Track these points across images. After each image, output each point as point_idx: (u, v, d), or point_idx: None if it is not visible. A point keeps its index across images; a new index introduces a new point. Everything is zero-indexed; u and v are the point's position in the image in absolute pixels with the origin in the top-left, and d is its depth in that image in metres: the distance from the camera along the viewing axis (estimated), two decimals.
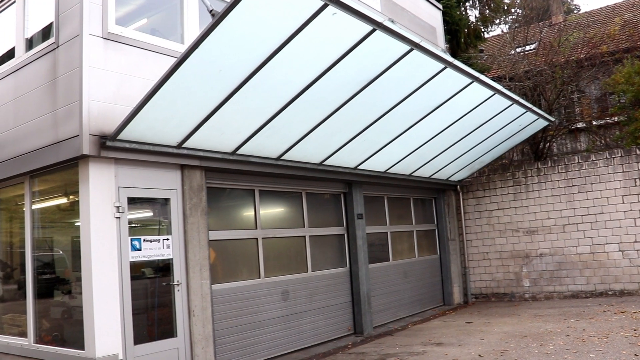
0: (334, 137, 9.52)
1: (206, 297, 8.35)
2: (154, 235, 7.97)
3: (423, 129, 10.58)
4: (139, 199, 7.86)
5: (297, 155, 9.59)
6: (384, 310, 12.63)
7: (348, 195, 11.88)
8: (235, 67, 6.73)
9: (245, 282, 9.38)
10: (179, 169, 8.25)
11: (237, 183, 9.44)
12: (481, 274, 15.38)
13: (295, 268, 10.51)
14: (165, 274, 8.07)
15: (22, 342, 8.39)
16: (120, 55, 7.53)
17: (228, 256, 9.41)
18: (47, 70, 7.78)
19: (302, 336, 10.29)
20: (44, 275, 8.54)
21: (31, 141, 7.95)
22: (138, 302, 7.62)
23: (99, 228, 7.22)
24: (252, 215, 9.82)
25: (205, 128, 7.60)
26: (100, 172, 7.29)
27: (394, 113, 9.41)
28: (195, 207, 8.38)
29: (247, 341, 9.19)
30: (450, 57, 8.44)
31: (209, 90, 6.98)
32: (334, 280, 11.31)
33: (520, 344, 9.34)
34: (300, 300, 10.36)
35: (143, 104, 6.59)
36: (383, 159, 11.34)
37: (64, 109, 7.34)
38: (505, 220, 15.04)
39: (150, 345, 7.69)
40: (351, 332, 11.53)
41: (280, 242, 10.34)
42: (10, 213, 9.63)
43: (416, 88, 8.92)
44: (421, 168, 12.92)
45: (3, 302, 9.38)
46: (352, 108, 8.65)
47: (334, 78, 7.65)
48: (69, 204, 8.24)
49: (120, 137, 7.11)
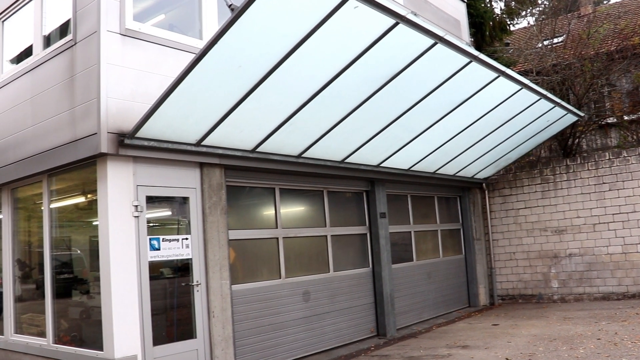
0: (356, 134, 9.50)
1: (226, 298, 8.38)
2: (173, 235, 8.02)
3: (447, 125, 10.52)
4: (157, 198, 7.91)
5: (318, 153, 9.59)
6: (407, 311, 12.59)
7: (370, 194, 11.86)
8: (255, 63, 6.73)
9: (266, 283, 9.40)
10: (198, 167, 8.28)
11: (257, 181, 9.46)
12: (508, 274, 15.26)
13: (316, 268, 10.51)
14: (184, 274, 8.12)
15: (41, 342, 8.49)
16: (138, 52, 7.58)
17: (248, 256, 9.44)
18: (65, 68, 7.86)
19: (323, 338, 10.29)
20: (62, 275, 8.63)
21: (49, 139, 8.03)
22: (157, 303, 7.67)
23: (117, 227, 7.27)
24: (272, 214, 9.83)
25: (224, 125, 7.62)
26: (119, 171, 7.35)
27: (417, 109, 9.36)
28: (215, 206, 8.41)
29: (267, 343, 9.21)
30: (475, 51, 8.37)
31: (228, 86, 6.99)
32: (357, 281, 11.29)
33: (549, 347, 9.26)
34: (322, 301, 10.36)
35: (161, 101, 6.62)
36: (406, 156, 11.29)
37: (82, 106, 7.41)
38: (532, 219, 14.91)
39: (170, 347, 7.74)
40: (374, 334, 11.51)
41: (301, 241, 10.35)
42: (28, 212, 9.75)
43: (440, 83, 8.86)
44: (445, 165, 12.85)
45: (22, 301, 9.50)
46: (375, 104, 8.62)
47: (356, 73, 7.63)
48: (86, 202, 8.31)
49: (139, 134, 7.15)
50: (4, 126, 9.18)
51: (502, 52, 19.84)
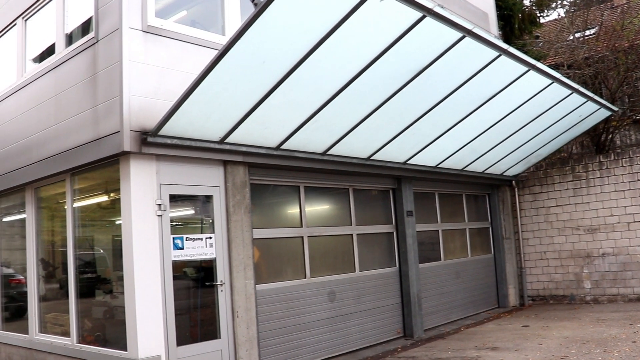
0: (382, 130, 9.47)
1: (250, 298, 8.41)
2: (196, 234, 8.06)
3: (476, 121, 10.45)
4: (180, 197, 7.96)
5: (343, 150, 9.57)
6: (435, 312, 12.54)
7: (397, 192, 11.81)
8: (278, 59, 6.74)
9: (291, 282, 9.42)
10: (222, 165, 8.32)
11: (281, 179, 9.47)
12: (538, 274, 15.11)
13: (342, 268, 10.50)
14: (207, 274, 8.16)
15: (66, 341, 8.60)
16: (160, 49, 7.63)
17: (272, 255, 9.46)
18: (87, 66, 7.94)
19: (349, 339, 10.28)
20: (85, 274, 8.73)
21: (72, 138, 8.12)
22: (180, 303, 7.72)
23: (140, 226, 7.33)
24: (297, 213, 9.84)
25: (248, 122, 7.64)
26: (142, 169, 7.41)
27: (445, 104, 9.31)
28: (239, 205, 8.44)
29: (292, 343, 9.23)
30: (505, 44, 8.30)
31: (251, 83, 7.01)
32: (383, 281, 11.27)
33: (582, 349, 9.15)
34: (348, 301, 10.35)
35: (184, 99, 6.65)
36: (433, 153, 11.24)
37: (105, 104, 7.48)
38: (564, 217, 14.74)
39: (193, 347, 7.79)
40: (401, 335, 11.47)
41: (326, 240, 10.35)
42: (51, 211, 9.88)
43: (468, 78, 8.81)
44: (474, 162, 12.76)
45: (45, 301, 9.63)
46: (401, 100, 8.59)
47: (382, 68, 7.60)
48: (109, 202, 8.40)
49: (162, 132, 7.20)
50: (27, 125, 9.31)
51: (532, 45, 19.64)
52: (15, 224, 10.89)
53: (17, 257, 10.89)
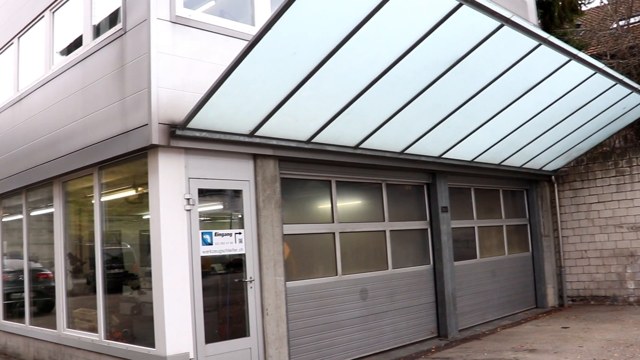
0: (416, 123, 9.42)
1: (280, 295, 8.44)
2: (225, 229, 8.10)
3: (514, 113, 10.34)
4: (209, 191, 8.01)
5: (376, 143, 9.55)
6: (470, 312, 12.46)
7: (432, 187, 11.76)
8: (310, 49, 6.73)
9: (322, 280, 9.43)
10: (252, 159, 8.35)
11: (312, 173, 9.48)
12: (579, 274, 14.92)
13: (374, 265, 10.49)
14: (236, 270, 8.20)
15: (93, 337, 8.73)
16: (189, 40, 7.68)
17: (303, 252, 9.48)
18: (115, 58, 8.02)
19: (381, 338, 10.27)
20: (113, 269, 8.84)
21: (100, 131, 8.22)
22: (209, 299, 7.78)
23: (169, 221, 7.40)
24: (328, 208, 9.84)
25: (278, 115, 7.66)
26: (170, 163, 7.47)
27: (481, 96, 9.22)
28: (269, 199, 8.47)
29: (322, 342, 9.24)
30: (545, 33, 8.18)
31: (282, 74, 7.02)
32: (417, 279, 11.23)
33: (625, 353, 9.01)
34: (380, 299, 10.34)
35: (213, 91, 6.69)
36: (470, 146, 11.15)
37: (133, 97, 7.55)
38: (606, 214, 14.52)
39: (222, 345, 7.85)
40: (434, 335, 11.43)
41: (358, 237, 10.33)
42: (78, 206, 10.01)
43: (506, 68, 8.71)
44: (512, 157, 12.63)
45: (73, 296, 9.78)
46: (436, 91, 8.53)
47: (417, 59, 7.55)
48: (137, 196, 8.48)
49: (190, 125, 7.25)
50: (55, 119, 9.45)
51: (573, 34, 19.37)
52: (43, 218, 11.08)
53: (44, 251, 11.08)
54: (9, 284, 12.23)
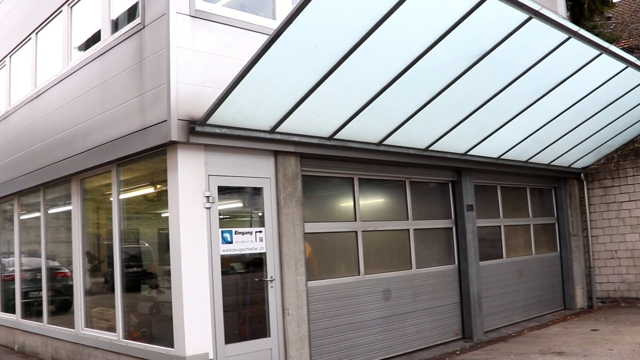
0: (441, 119, 9.38)
1: (301, 295, 8.45)
2: (245, 228, 8.12)
3: (542, 109, 10.27)
4: (229, 189, 8.02)
5: (400, 140, 9.51)
6: (496, 313, 12.40)
7: (457, 184, 11.71)
8: (332, 43, 6.71)
9: (344, 279, 9.42)
10: (272, 156, 8.35)
11: (334, 171, 9.47)
12: (609, 274, 14.77)
13: (398, 265, 10.47)
14: (256, 269, 8.22)
15: (112, 337, 8.79)
16: (209, 34, 7.69)
17: (325, 251, 9.48)
18: (133, 53, 8.06)
19: (405, 340, 10.25)
20: (131, 268, 8.90)
21: (118, 127, 8.27)
22: (228, 299, 7.80)
23: (188, 219, 7.42)
24: (350, 206, 9.83)
25: (300, 111, 7.65)
26: (190, 160, 7.49)
27: (508, 92, 9.16)
28: (290, 197, 8.47)
29: (344, 343, 9.24)
30: (574, 26, 8.09)
31: (304, 69, 7.01)
32: (441, 279, 11.19)
33: None
34: (404, 300, 10.31)
35: (233, 86, 6.69)
36: (496, 143, 11.08)
37: (151, 92, 7.58)
38: (638, 213, 14.36)
39: (242, 345, 7.87)
40: (459, 337, 11.39)
41: (381, 235, 10.31)
42: (96, 203, 10.09)
43: (534, 63, 8.64)
44: (539, 154, 12.54)
45: (91, 295, 9.85)
46: (462, 87, 8.48)
47: (442, 53, 7.50)
48: (155, 193, 8.52)
49: (210, 121, 7.26)
50: (72, 115, 9.52)
51: (603, 27, 19.18)
52: (61, 216, 11.17)
53: (62, 249, 11.18)
54: (26, 283, 12.36)
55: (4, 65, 12.99)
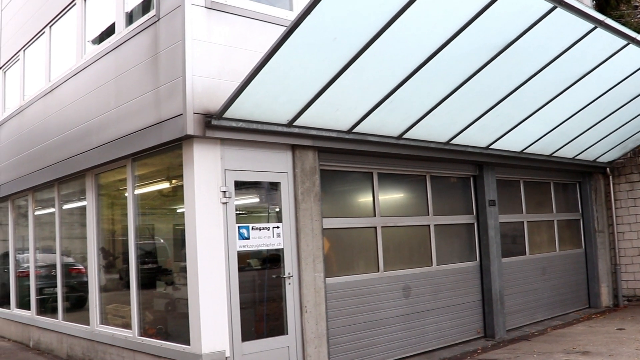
0: (462, 112, 9.34)
1: (320, 292, 8.45)
2: (262, 223, 8.13)
3: (566, 101, 10.19)
4: (245, 183, 8.03)
5: (420, 134, 9.49)
6: (518, 311, 12.35)
7: (478, 179, 11.66)
8: (351, 35, 6.69)
9: (362, 276, 9.42)
10: (290, 150, 8.35)
11: (353, 165, 9.46)
12: (635, 272, 14.65)
13: (418, 261, 10.44)
14: (273, 266, 8.23)
15: (127, 334, 8.85)
16: (225, 26, 7.69)
17: (343, 247, 9.48)
18: (148, 46, 8.08)
19: (424, 338, 10.23)
20: (146, 264, 8.95)
21: (133, 122, 8.31)
22: (245, 296, 7.82)
23: (204, 215, 7.44)
24: (370, 202, 9.82)
25: (318, 104, 7.65)
26: (206, 154, 7.51)
27: (532, 83, 9.10)
28: (308, 192, 8.47)
29: (363, 342, 9.24)
30: (601, 15, 8.01)
31: (322, 61, 7.00)
32: (462, 276, 11.16)
33: None
34: (424, 297, 10.29)
35: (250, 79, 6.70)
36: (519, 137, 11.03)
37: (167, 86, 7.60)
38: None
39: (259, 343, 7.88)
40: (481, 335, 11.35)
41: (401, 231, 10.30)
42: (111, 199, 10.14)
43: (559, 54, 8.57)
44: (564, 147, 12.46)
45: (106, 291, 9.92)
46: (484, 79, 8.44)
47: (463, 44, 7.46)
48: (170, 189, 8.56)
49: (226, 115, 7.28)
50: (87, 109, 9.58)
51: (631, 17, 18.97)
52: (75, 211, 11.26)
53: (77, 245, 11.26)
54: (41, 279, 12.48)
55: (18, 60, 13.10)
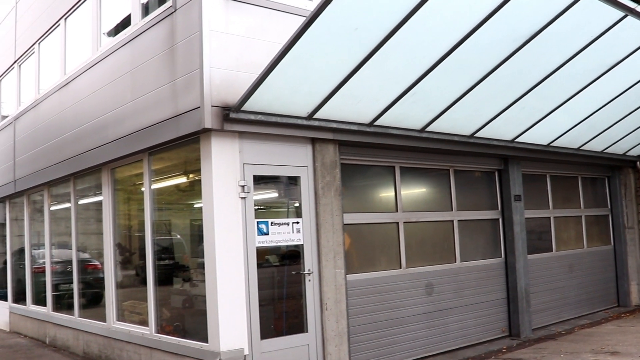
0: (487, 104, 9.29)
1: (340, 289, 8.45)
2: (281, 218, 8.13)
3: (595, 93, 10.09)
4: (264, 178, 8.04)
5: (444, 126, 9.45)
6: (544, 309, 12.29)
7: (504, 173, 11.60)
8: (373, 25, 6.67)
9: (384, 273, 9.41)
10: (310, 143, 8.35)
11: (374, 159, 9.45)
12: None
13: (441, 258, 10.42)
14: (292, 262, 8.24)
15: (144, 331, 8.92)
16: (243, 17, 7.69)
17: (364, 243, 9.47)
18: (165, 37, 8.11)
19: (447, 337, 10.21)
20: (162, 260, 9.00)
21: (149, 115, 8.34)
22: (264, 293, 7.84)
23: (222, 210, 7.46)
24: (391, 196, 9.80)
25: (338, 96, 7.63)
26: (224, 148, 7.52)
27: (559, 74, 9.03)
28: (328, 187, 8.47)
29: (384, 340, 9.24)
30: (632, 2, 7.92)
31: (342, 52, 6.98)
32: (487, 273, 11.11)
33: None
34: (447, 295, 10.27)
35: (269, 71, 6.69)
36: (545, 129, 10.95)
37: (184, 78, 7.62)
38: None
39: (278, 341, 7.90)
40: (505, 334, 11.31)
41: (424, 227, 10.27)
42: (127, 194, 10.20)
43: (587, 43, 8.48)
44: (592, 140, 12.35)
45: (122, 287, 9.99)
46: (509, 69, 8.39)
47: (488, 34, 7.41)
48: (188, 183, 8.59)
49: (245, 107, 7.28)
50: (103, 102, 9.63)
51: None
52: (91, 206, 11.33)
53: (92, 241, 11.35)
54: (57, 275, 12.59)
55: (33, 53, 13.20)
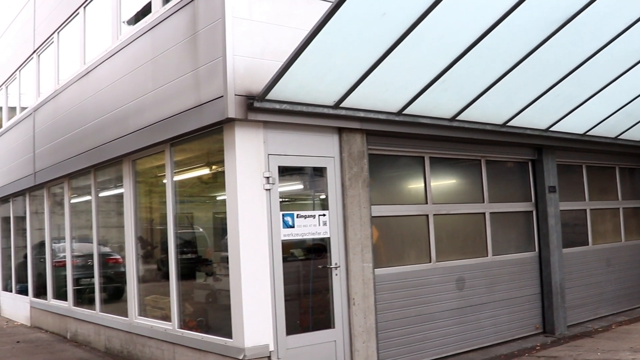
0: (520, 91, 9.23)
1: (368, 283, 8.45)
2: (307, 211, 8.14)
3: (633, 79, 9.99)
4: (289, 169, 8.05)
5: (475, 115, 9.40)
6: (580, 305, 12.20)
7: (537, 164, 11.53)
8: (401, 10, 6.64)
9: (413, 267, 9.40)
10: (336, 133, 8.35)
11: (403, 149, 9.44)
12: None
13: (472, 251, 10.40)
14: (318, 256, 8.25)
15: (166, 326, 8.99)
16: (267, 3, 7.69)
17: (393, 236, 9.47)
18: (187, 25, 8.13)
19: (479, 333, 10.18)
20: (185, 254, 9.05)
21: (171, 105, 8.38)
22: (289, 287, 7.87)
23: (247, 202, 7.48)
24: (421, 188, 9.78)
25: (366, 84, 7.62)
26: (248, 138, 7.54)
27: (595, 60, 8.94)
28: (356, 178, 8.46)
29: (414, 336, 9.24)
30: None
31: (370, 39, 6.96)
32: (520, 267, 11.06)
33: None
34: (479, 290, 10.24)
35: (294, 58, 6.69)
36: (581, 118, 10.86)
37: (206, 66, 7.65)
38: None
39: (304, 337, 7.93)
40: (539, 331, 11.26)
41: (454, 219, 10.25)
42: (149, 186, 10.27)
43: (626, 27, 8.40)
44: (630, 129, 12.25)
45: (144, 282, 10.07)
46: (543, 55, 8.32)
47: (521, 18, 7.35)
48: (211, 175, 8.63)
49: (269, 96, 7.30)
50: (123, 92, 9.70)
51: None
52: (112, 199, 11.43)
53: (113, 234, 11.46)
54: (78, 269, 12.71)
55: (52, 42, 13.32)
